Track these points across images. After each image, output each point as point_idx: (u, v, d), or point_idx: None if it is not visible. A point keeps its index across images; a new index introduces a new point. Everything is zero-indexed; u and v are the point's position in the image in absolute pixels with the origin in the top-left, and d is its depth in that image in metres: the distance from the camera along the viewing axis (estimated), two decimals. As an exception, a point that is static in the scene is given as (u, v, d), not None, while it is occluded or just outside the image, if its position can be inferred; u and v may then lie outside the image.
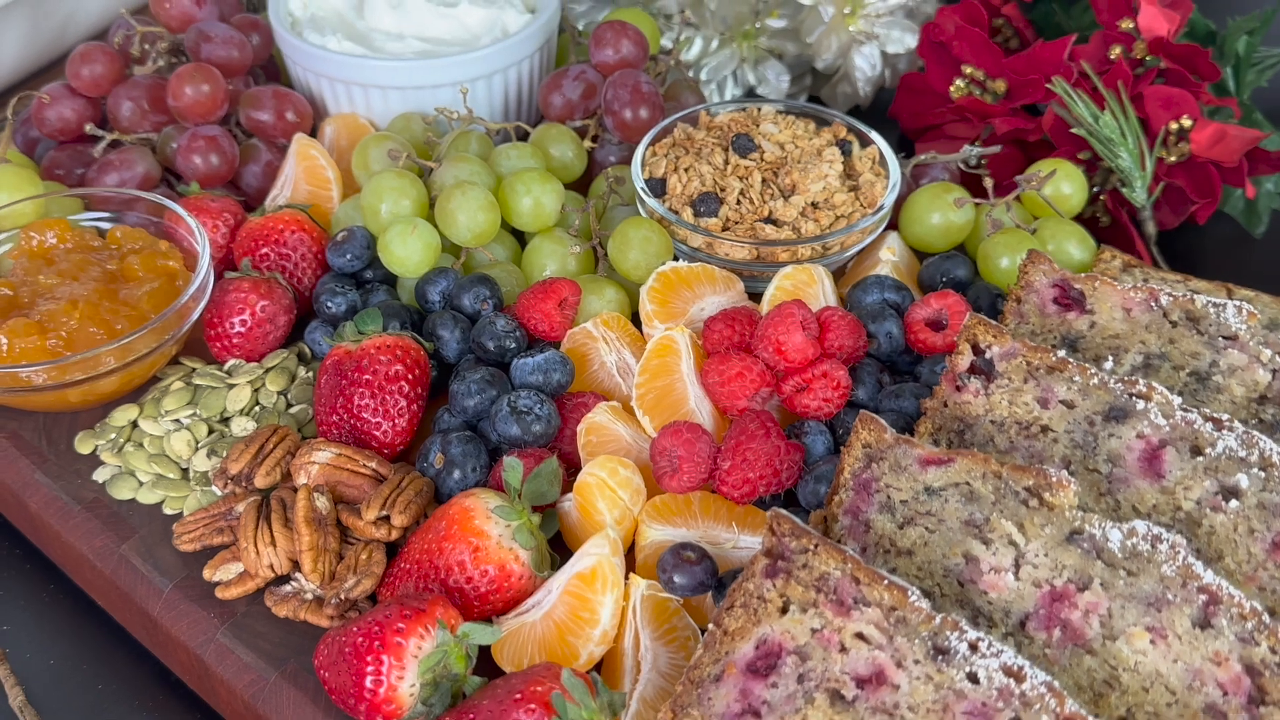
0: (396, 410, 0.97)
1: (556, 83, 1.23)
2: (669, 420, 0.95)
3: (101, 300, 1.02)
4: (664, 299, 1.04)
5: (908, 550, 0.81)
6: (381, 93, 1.24)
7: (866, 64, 1.48)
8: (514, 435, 0.94)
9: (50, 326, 0.99)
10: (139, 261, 1.06)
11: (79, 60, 1.20)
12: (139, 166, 1.18)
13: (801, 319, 0.95)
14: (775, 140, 1.15)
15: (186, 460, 0.98)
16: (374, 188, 1.10)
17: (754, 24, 1.47)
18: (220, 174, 1.18)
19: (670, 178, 1.13)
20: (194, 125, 1.18)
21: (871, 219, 1.09)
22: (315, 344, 1.07)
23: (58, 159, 1.21)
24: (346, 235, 1.10)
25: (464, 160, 1.13)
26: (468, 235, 1.09)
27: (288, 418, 1.01)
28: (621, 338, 1.03)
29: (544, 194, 1.11)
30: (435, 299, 1.07)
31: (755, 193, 1.10)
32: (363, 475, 0.93)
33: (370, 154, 1.16)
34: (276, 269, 1.10)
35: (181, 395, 1.01)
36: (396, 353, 0.97)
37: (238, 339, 1.05)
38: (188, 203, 1.13)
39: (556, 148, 1.20)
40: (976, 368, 0.90)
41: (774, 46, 1.49)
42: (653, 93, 1.20)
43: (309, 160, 1.17)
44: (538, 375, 0.98)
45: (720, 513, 0.90)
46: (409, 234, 1.06)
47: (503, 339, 1.01)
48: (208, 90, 1.17)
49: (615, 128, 1.21)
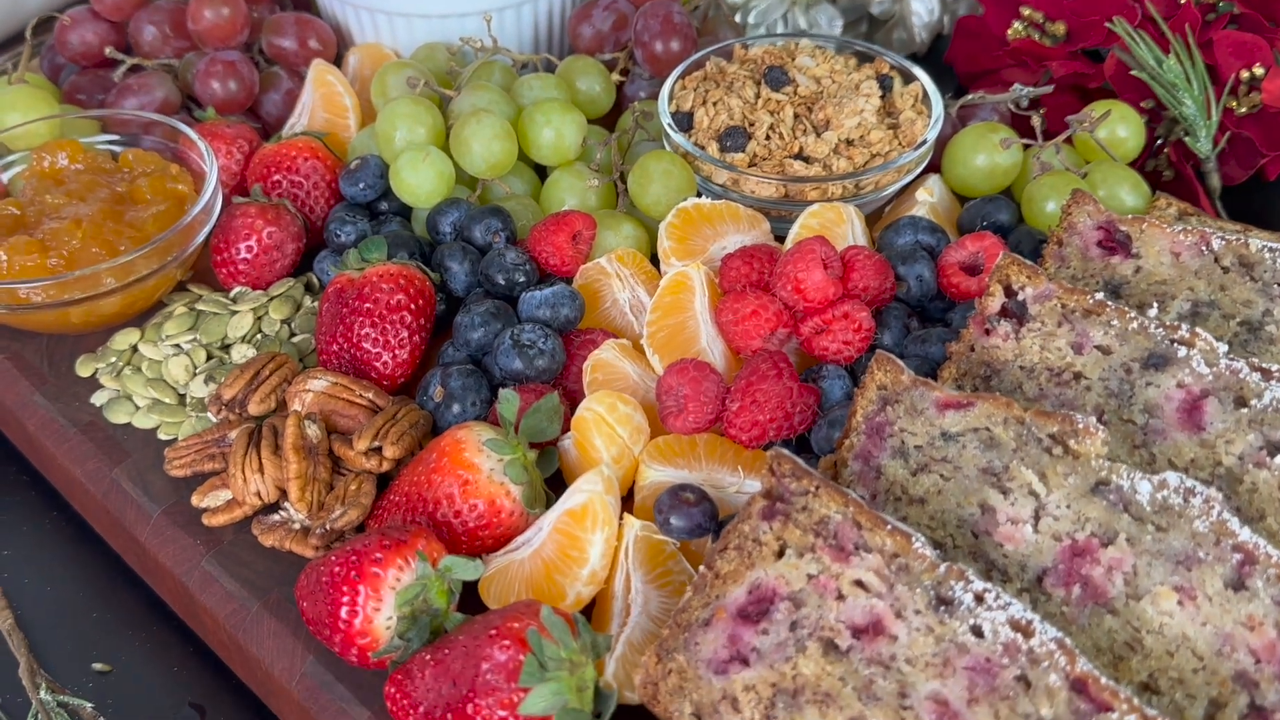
0: (398, 341, 0.93)
1: (586, 13, 1.18)
2: (676, 358, 0.90)
3: (105, 220, 0.99)
4: (683, 236, 0.99)
5: (920, 498, 0.76)
6: (406, 21, 1.20)
7: (924, 8, 1.41)
8: (516, 369, 0.90)
9: (52, 245, 0.97)
10: (147, 184, 1.03)
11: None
12: (158, 91, 1.16)
13: (823, 256, 0.89)
14: (811, 74, 1.09)
15: (184, 386, 0.95)
16: (388, 115, 1.06)
17: None
18: (238, 100, 1.15)
19: (697, 111, 1.07)
20: (214, 50, 1.16)
21: (909, 156, 1.03)
22: (324, 274, 1.04)
23: (79, 83, 1.19)
24: (360, 164, 1.07)
25: (483, 89, 1.09)
26: (482, 165, 1.04)
27: (290, 347, 0.98)
28: (636, 275, 0.98)
29: (565, 125, 1.06)
30: (446, 230, 1.03)
31: (786, 128, 1.05)
32: (358, 406, 0.90)
33: (389, 81, 1.12)
34: (288, 197, 1.07)
35: (183, 320, 0.99)
36: (399, 282, 0.94)
37: (244, 265, 1.02)
38: (202, 128, 1.11)
39: (584, 80, 1.15)
40: (1008, 310, 0.84)
41: None
42: (685, 24, 1.15)
43: (326, 87, 1.13)
44: (545, 310, 0.93)
45: (726, 456, 0.85)
46: (420, 161, 1.02)
47: (512, 272, 0.97)
48: (227, 14, 1.14)
49: (645, 60, 1.16)
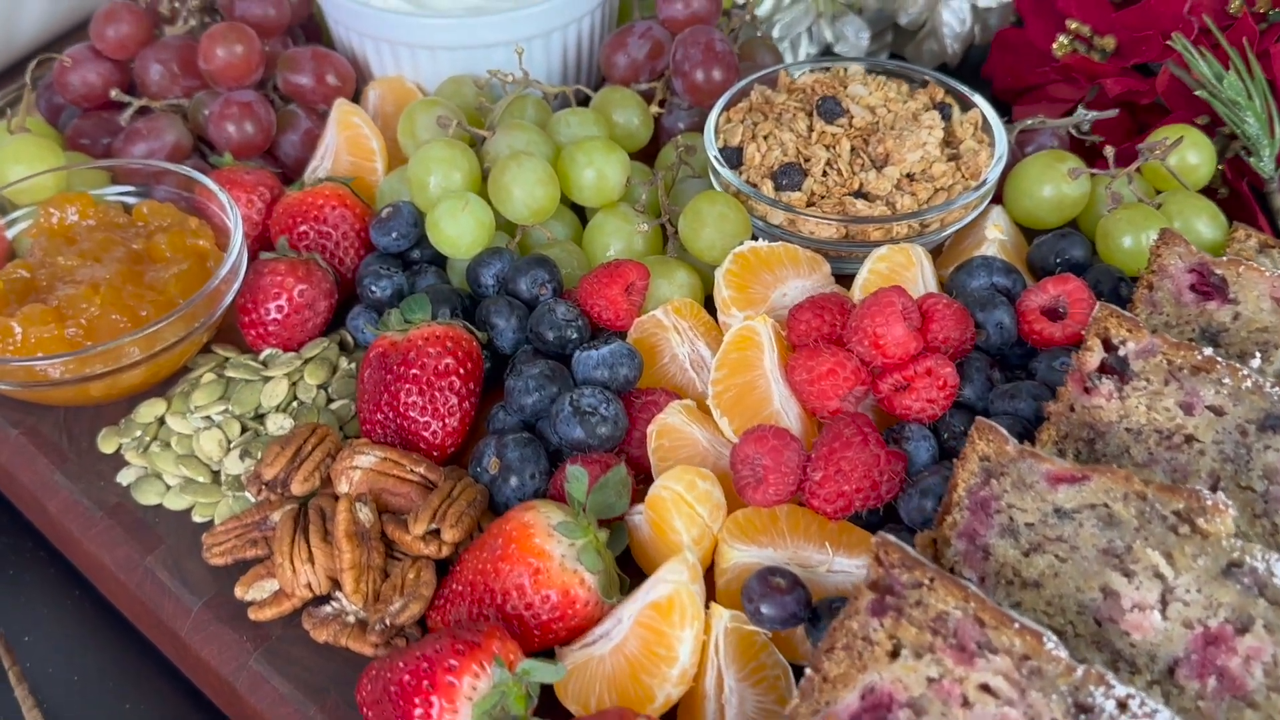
0: (447, 409, 0.87)
1: (621, 41, 1.12)
2: (750, 422, 0.84)
3: (125, 284, 0.93)
4: (742, 283, 0.93)
5: (1034, 582, 0.70)
6: (430, 53, 1.13)
7: (955, 19, 1.35)
8: (577, 438, 0.84)
9: (69, 313, 0.90)
10: (166, 241, 0.96)
11: (104, 20, 1.10)
12: (168, 135, 1.09)
13: (902, 308, 0.83)
14: (865, 104, 1.03)
15: (218, 462, 0.89)
16: (422, 159, 0.99)
17: None
18: (255, 143, 1.08)
19: (748, 146, 1.01)
20: (227, 90, 1.09)
21: (975, 193, 0.97)
22: (358, 331, 0.98)
23: (82, 127, 1.12)
24: (392, 211, 1.00)
25: (519, 128, 1.03)
26: (524, 212, 0.98)
27: (328, 414, 0.92)
28: (695, 327, 0.92)
29: (608, 165, 1.00)
30: (489, 282, 0.97)
31: (844, 163, 0.99)
32: (410, 482, 0.84)
33: (417, 121, 1.05)
34: (316, 248, 1.01)
35: (212, 389, 0.92)
36: (447, 344, 0.88)
37: (274, 326, 0.95)
38: (220, 176, 1.04)
39: (620, 113, 1.09)
40: (1108, 366, 0.79)
41: (852, 0, 1.37)
42: (727, 52, 1.09)
43: (351, 129, 1.07)
44: (603, 370, 0.88)
45: (810, 529, 0.79)
46: (460, 210, 0.96)
47: (563, 328, 0.91)
48: (241, 51, 1.07)
49: (685, 90, 1.09)
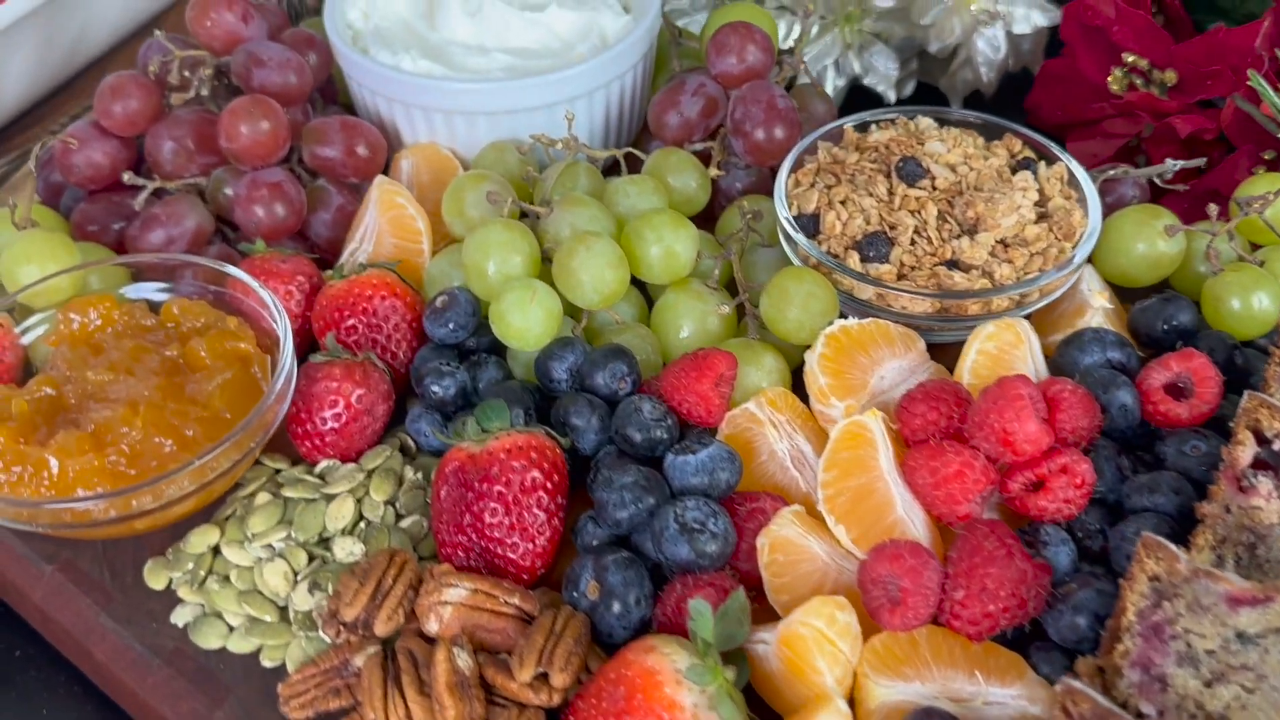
0: (536, 527, 0.80)
1: (672, 99, 1.05)
2: (870, 530, 0.78)
3: (166, 400, 0.84)
4: (837, 368, 0.87)
5: (1220, 715, 0.64)
6: (467, 119, 1.05)
7: (989, 47, 1.29)
8: (684, 558, 0.77)
9: (108, 439, 0.81)
10: (205, 346, 0.88)
11: (110, 95, 1.01)
12: (189, 220, 1.00)
13: (1031, 399, 0.77)
14: (945, 162, 0.97)
15: (284, 597, 0.81)
16: (479, 244, 0.92)
17: (858, 5, 1.29)
18: (287, 226, 1.00)
19: (825, 214, 0.95)
20: (251, 168, 1.00)
21: (1076, 259, 0.91)
22: (420, 436, 0.90)
23: (90, 213, 1.03)
24: (447, 300, 0.92)
25: (579, 204, 0.95)
26: (595, 298, 0.91)
27: (399, 534, 0.84)
28: (794, 420, 0.86)
29: (677, 241, 0.93)
30: (561, 377, 0.89)
31: (933, 230, 0.92)
32: (505, 616, 0.76)
33: (466, 198, 0.98)
34: (366, 344, 0.93)
35: (270, 513, 0.84)
36: (531, 455, 0.80)
37: (331, 436, 0.87)
38: (254, 266, 0.96)
39: (677, 177, 1.02)
40: (1263, 462, 0.73)
41: (880, 29, 1.30)
42: (790, 109, 1.02)
43: (395, 209, 0.99)
44: (702, 476, 0.81)
45: (955, 654, 0.73)
46: (529, 302, 0.88)
47: (651, 429, 0.84)
48: (268, 128, 0.98)
49: (746, 151, 1.02)
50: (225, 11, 1.05)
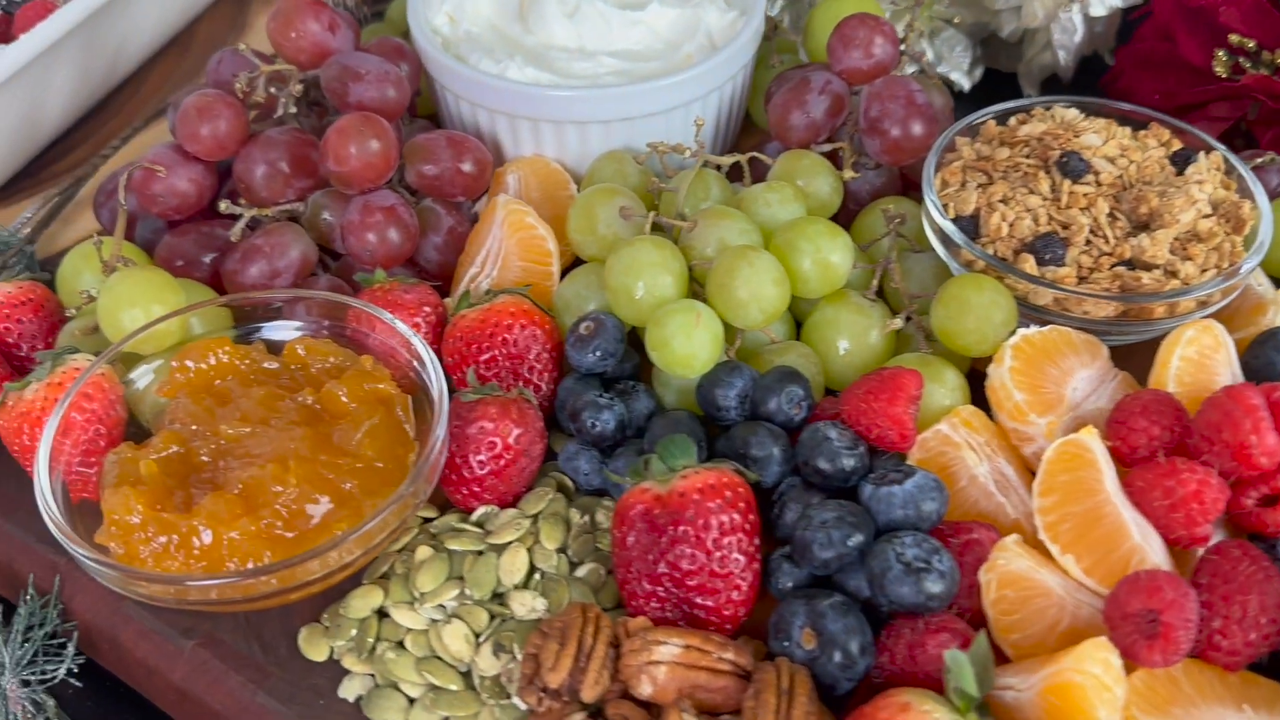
0: (738, 573, 0.73)
1: (798, 98, 0.98)
2: (1104, 559, 0.72)
3: (315, 453, 0.77)
4: (1031, 382, 0.81)
5: None
6: (579, 129, 0.98)
7: (1064, 31, 1.25)
8: (911, 601, 0.71)
9: (259, 500, 0.74)
10: (345, 389, 0.80)
11: (197, 116, 0.92)
12: (293, 250, 0.92)
13: (1265, 408, 0.72)
14: (1102, 155, 0.92)
15: (467, 662, 0.74)
16: (627, 264, 0.85)
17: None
18: (403, 253, 0.92)
19: (987, 215, 0.89)
20: (359, 191, 0.92)
21: (1262, 252, 0.86)
22: (578, 475, 0.83)
23: (177, 246, 0.95)
24: (593, 327, 0.86)
25: (725, 216, 0.89)
26: (759, 318, 0.85)
27: (578, 585, 0.77)
28: (991, 441, 0.80)
29: (833, 251, 0.87)
30: (731, 404, 0.83)
31: (1107, 229, 0.87)
32: (724, 673, 0.70)
33: (598, 215, 0.91)
34: (507, 377, 0.86)
35: (436, 569, 0.77)
36: (725, 494, 0.74)
37: (490, 480, 0.80)
38: (376, 298, 0.88)
39: (809, 182, 0.96)
40: None
41: (950, 14, 1.25)
42: (927, 104, 0.96)
43: (524, 230, 0.91)
44: (909, 509, 0.75)
45: (1216, 688, 0.68)
46: (694, 326, 0.82)
47: (841, 458, 0.78)
48: (379, 148, 0.91)
49: (883, 150, 0.97)
50: (311, 21, 0.97)
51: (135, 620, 0.79)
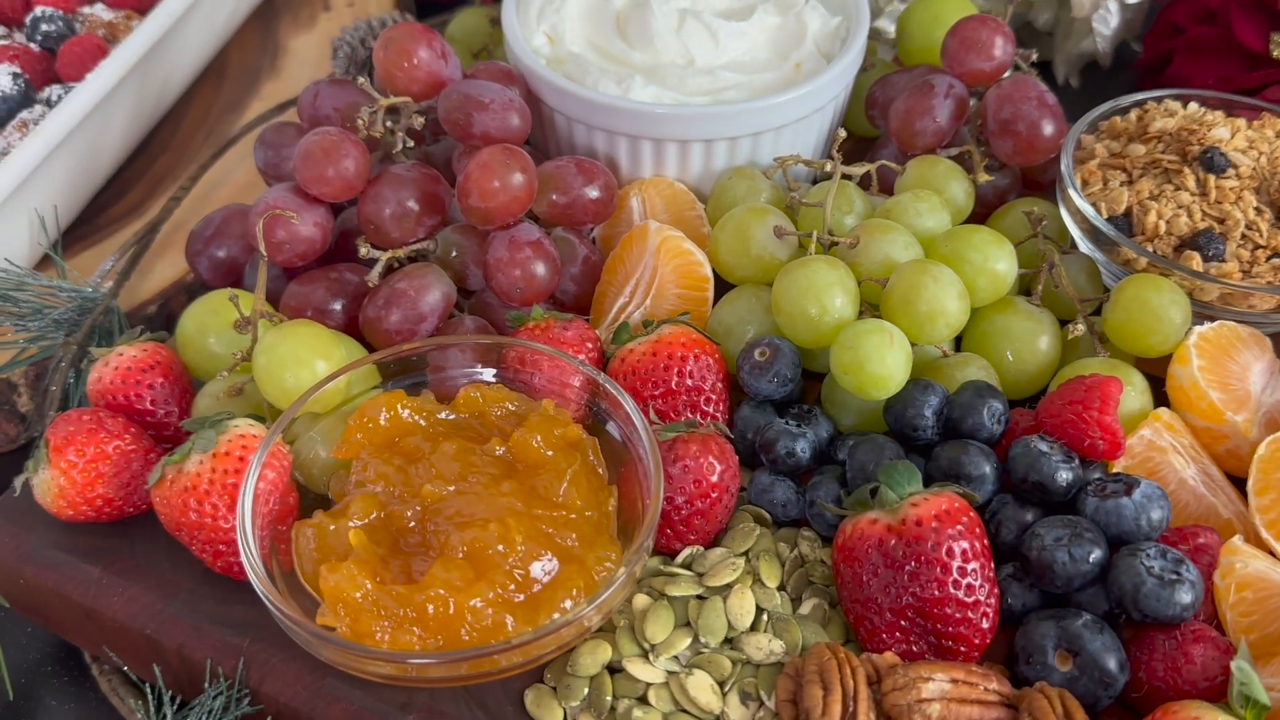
0: (984, 599, 0.72)
1: (924, 104, 0.97)
2: (1330, 551, 0.74)
3: (530, 508, 0.73)
4: (1221, 380, 0.82)
5: None
6: (704, 147, 0.96)
7: (1100, 23, 1.27)
8: (1164, 612, 0.71)
9: (487, 563, 0.70)
10: (540, 437, 0.77)
11: (323, 155, 0.87)
12: (433, 292, 0.88)
13: None
14: (1234, 147, 0.93)
15: (717, 712, 0.71)
16: (804, 286, 0.83)
17: None
18: (549, 287, 0.89)
19: (1142, 213, 0.89)
20: (498, 227, 0.88)
21: None
22: (775, 507, 0.81)
23: (304, 295, 0.89)
24: (769, 352, 0.83)
25: (887, 230, 0.87)
26: (944, 333, 0.83)
27: (808, 624, 0.75)
28: (1194, 443, 0.80)
29: (1000, 260, 0.86)
30: (929, 423, 0.81)
31: (1259, 221, 0.88)
32: (993, 705, 0.69)
33: (752, 235, 0.88)
34: (685, 411, 0.83)
35: (663, 617, 0.74)
36: (961, 520, 0.72)
37: (697, 520, 0.78)
38: (535, 337, 0.84)
39: (944, 188, 0.95)
40: None
41: (989, 7, 1.26)
42: (1056, 103, 0.96)
43: (681, 257, 0.88)
44: (1141, 519, 0.74)
45: None
46: (888, 347, 0.80)
47: (1059, 471, 0.77)
48: (522, 181, 0.87)
49: (1015, 152, 0.96)
50: (423, 49, 0.92)
51: (342, 699, 0.74)
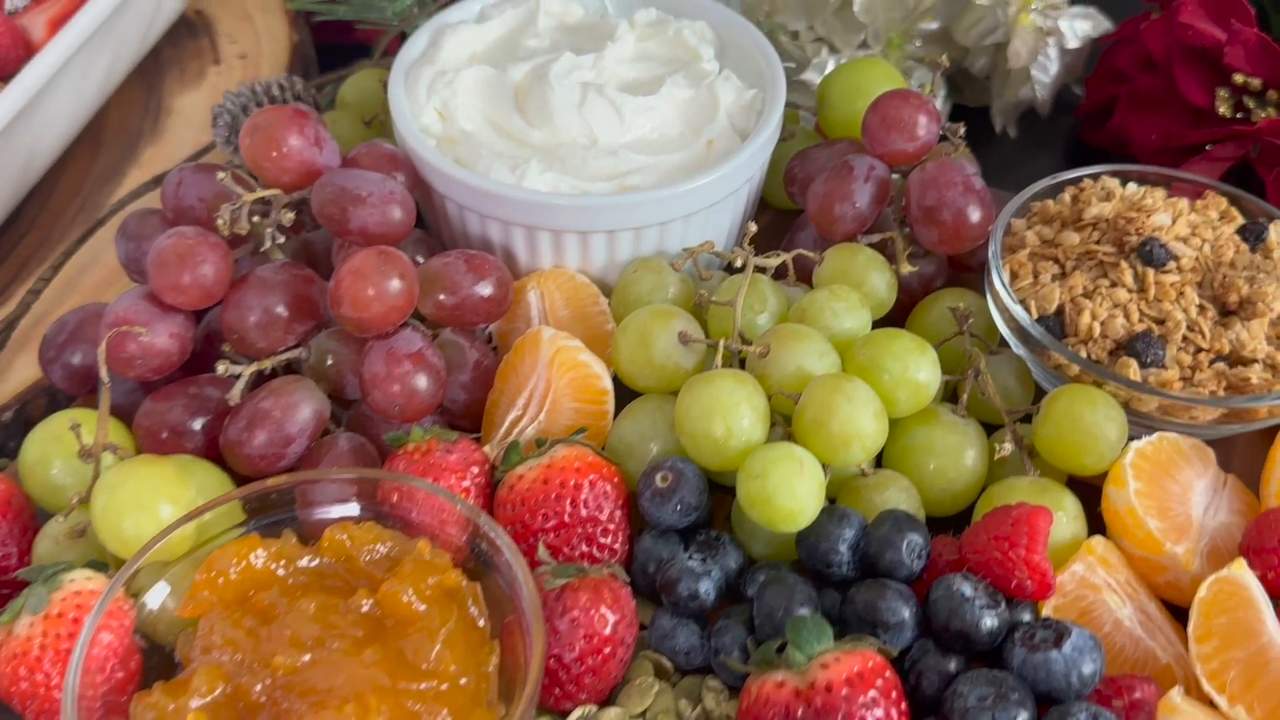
0: (900, 770, 0.65)
1: (843, 188, 0.90)
2: (1275, 707, 0.67)
3: (395, 680, 0.65)
4: (1160, 505, 0.75)
5: None
6: (608, 238, 0.88)
7: (1040, 71, 1.21)
8: (1095, 784, 0.64)
9: (343, 752, 0.62)
10: (411, 589, 0.69)
11: (177, 261, 0.79)
12: (304, 409, 0.80)
13: None
14: (1176, 235, 0.86)
15: None
16: (707, 404, 0.75)
17: (901, 30, 1.18)
18: (434, 403, 0.81)
19: (1075, 312, 0.83)
20: (376, 336, 0.80)
21: (1361, 338, 0.82)
22: (677, 654, 0.74)
23: (163, 415, 0.80)
24: (671, 476, 0.76)
25: (800, 338, 0.80)
26: (860, 456, 0.76)
27: (711, 795, 0.68)
28: (1131, 578, 0.74)
29: (921, 369, 0.79)
30: (843, 559, 0.74)
31: (1201, 322, 0.82)
32: None
33: (654, 342, 0.81)
34: (581, 545, 0.75)
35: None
36: (875, 683, 0.65)
37: (588, 678, 0.70)
38: (414, 464, 0.77)
39: (864, 280, 0.88)
40: None
41: (924, 54, 1.20)
42: (984, 189, 0.89)
43: (576, 370, 0.81)
44: (1071, 674, 0.68)
45: None
46: (797, 475, 0.73)
47: (983, 618, 0.70)
48: (400, 288, 0.79)
49: (940, 241, 0.89)
50: (294, 135, 0.84)
51: None
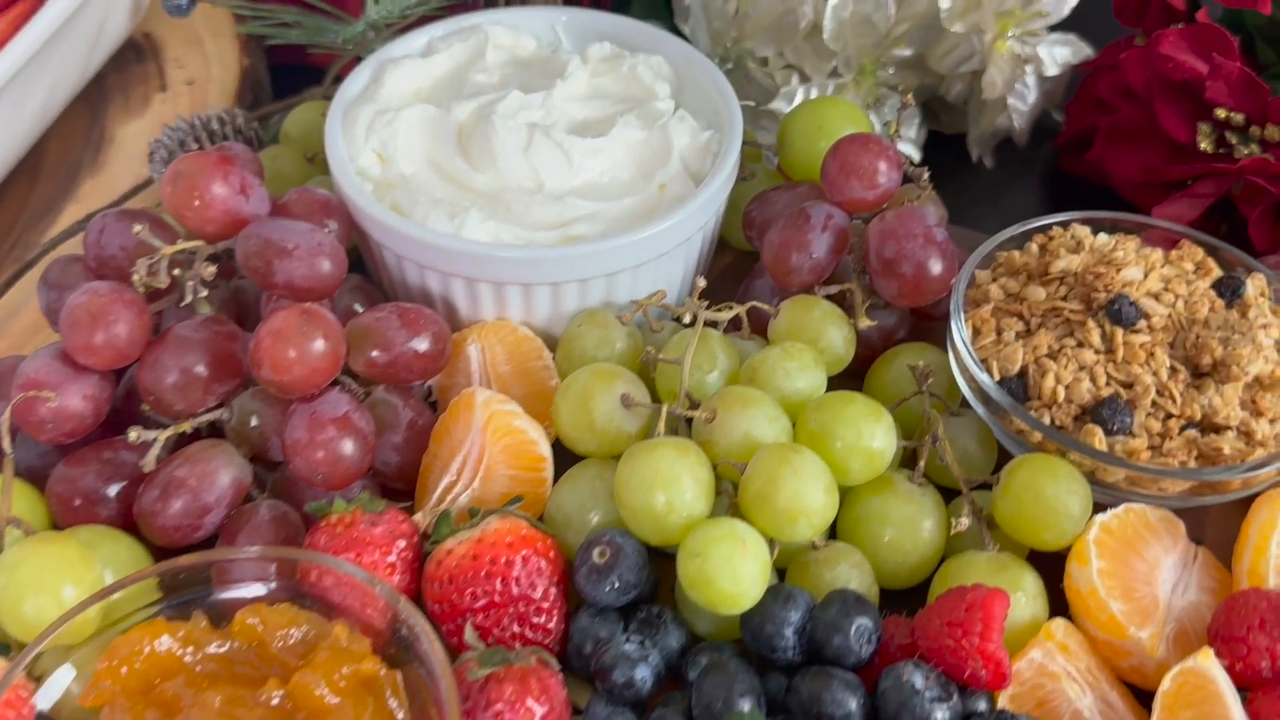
0: None
1: (799, 238, 0.85)
2: (1244, 810, 0.63)
3: (304, 782, 0.61)
4: (1123, 586, 0.71)
5: None
6: (552, 290, 0.84)
7: (1018, 100, 1.17)
8: None
9: None
10: (321, 679, 0.64)
11: (90, 320, 0.74)
12: (222, 476, 0.76)
13: None
14: (1148, 291, 0.82)
15: None
16: (648, 476, 0.71)
17: (873, 58, 1.14)
18: (361, 469, 0.76)
19: (1038, 375, 0.78)
20: (300, 400, 0.76)
21: (1341, 403, 0.78)
22: (612, 745, 0.70)
23: (73, 480, 0.76)
24: (609, 552, 0.72)
25: (747, 404, 0.75)
26: (807, 532, 0.72)
27: None
28: (1092, 665, 0.70)
29: (875, 437, 0.75)
30: (789, 644, 0.70)
31: (1172, 386, 0.77)
32: None
33: (595, 405, 0.76)
34: (511, 624, 0.71)
35: None
36: (817, 786, 0.61)
37: (514, 776, 0.66)
38: (336, 538, 0.72)
39: (820, 334, 0.84)
40: None
41: (897, 81, 1.16)
42: (947, 240, 0.85)
43: (511, 436, 0.76)
44: (1026, 772, 0.64)
45: None
46: (739, 555, 0.69)
47: (934, 713, 0.66)
48: (323, 349, 0.74)
49: (900, 294, 0.85)
50: (218, 183, 0.79)
51: None
